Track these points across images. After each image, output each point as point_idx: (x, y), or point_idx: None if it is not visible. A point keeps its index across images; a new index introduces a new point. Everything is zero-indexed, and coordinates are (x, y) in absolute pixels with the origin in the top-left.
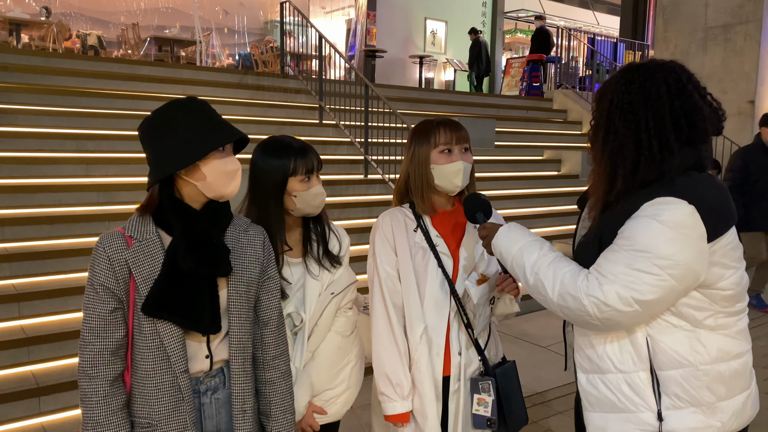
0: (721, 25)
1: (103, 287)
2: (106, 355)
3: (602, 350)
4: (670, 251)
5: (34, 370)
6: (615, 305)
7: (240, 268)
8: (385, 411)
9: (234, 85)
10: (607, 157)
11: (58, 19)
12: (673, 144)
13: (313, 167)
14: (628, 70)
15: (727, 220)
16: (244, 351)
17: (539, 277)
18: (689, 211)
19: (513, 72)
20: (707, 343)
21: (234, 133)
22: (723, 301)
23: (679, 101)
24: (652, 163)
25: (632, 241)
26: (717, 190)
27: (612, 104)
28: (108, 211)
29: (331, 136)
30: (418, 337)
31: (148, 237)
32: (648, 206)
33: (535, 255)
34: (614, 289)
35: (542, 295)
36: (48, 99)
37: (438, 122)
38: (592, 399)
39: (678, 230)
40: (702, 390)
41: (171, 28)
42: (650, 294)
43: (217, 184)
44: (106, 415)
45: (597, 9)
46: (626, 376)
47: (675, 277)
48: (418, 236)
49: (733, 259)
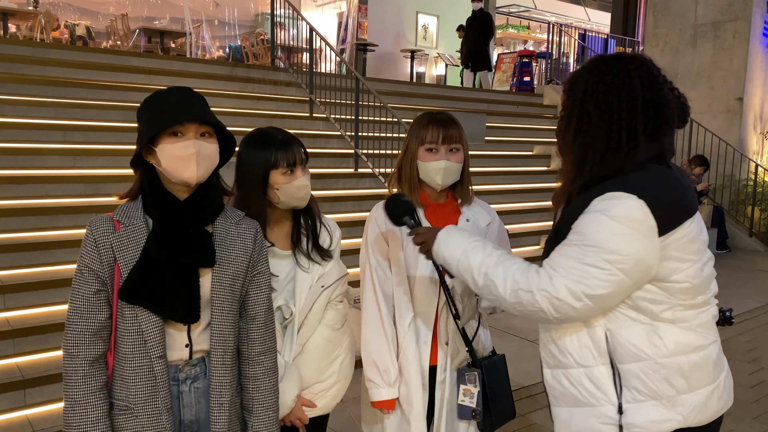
0: (711, 22)
1: (89, 269)
2: (87, 335)
3: (563, 345)
4: (619, 246)
5: (19, 362)
6: (566, 299)
7: (226, 260)
8: (372, 397)
9: (224, 77)
10: (578, 147)
11: (45, 8)
12: (640, 137)
13: (296, 160)
14: (601, 61)
15: (681, 214)
16: (224, 343)
17: (489, 277)
18: (638, 205)
19: (504, 67)
20: (665, 336)
21: (181, 117)
22: (680, 294)
23: (650, 94)
24: (617, 156)
25: (582, 235)
26: (672, 183)
27: (586, 94)
28: (94, 202)
29: (322, 130)
30: (407, 325)
31: (135, 222)
32: (598, 201)
33: (480, 256)
34: (564, 282)
35: (494, 295)
36: (35, 89)
37: (430, 119)
38: (557, 394)
39: (627, 225)
40: (661, 383)
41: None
42: (600, 288)
43: (171, 168)
44: (83, 395)
45: (588, 5)
46: (587, 370)
47: (624, 271)
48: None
49: (689, 252)
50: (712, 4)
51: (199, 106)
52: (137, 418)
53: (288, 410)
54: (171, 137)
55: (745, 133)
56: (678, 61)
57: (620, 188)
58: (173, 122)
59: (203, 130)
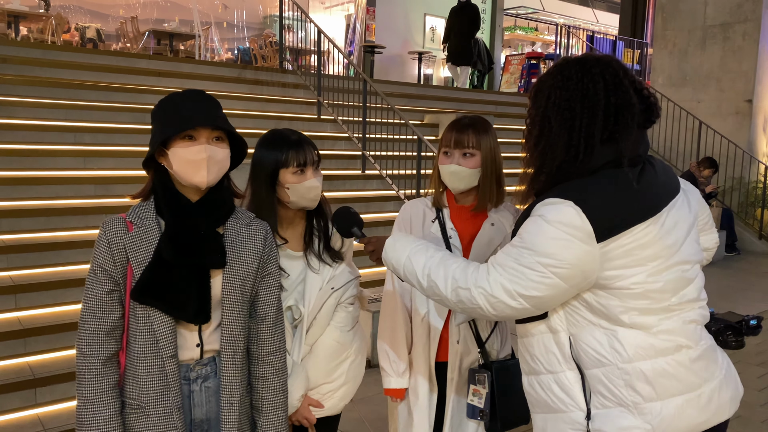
0: (720, 23)
1: (102, 269)
2: (100, 335)
3: (533, 352)
4: (553, 250)
5: (30, 361)
6: (501, 297)
7: (237, 261)
8: (383, 384)
9: (232, 79)
10: (538, 155)
11: (56, 11)
12: (596, 143)
13: (306, 160)
14: (565, 65)
15: (627, 219)
16: (234, 343)
17: (431, 277)
18: (573, 212)
19: (512, 69)
20: (625, 341)
21: (193, 123)
22: (633, 300)
23: (615, 97)
24: (572, 165)
25: (522, 237)
26: (619, 188)
27: (549, 101)
28: (104, 203)
29: (329, 131)
30: (420, 320)
31: (147, 223)
32: (539, 206)
33: (423, 258)
34: (499, 280)
35: (438, 295)
36: (46, 91)
37: (453, 122)
38: (533, 400)
39: (561, 229)
40: (625, 389)
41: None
42: (534, 290)
43: (182, 171)
44: (96, 393)
45: (596, 7)
46: (555, 376)
47: (559, 275)
48: (434, 227)
49: (640, 258)
50: (721, 6)
51: (212, 110)
52: (149, 416)
53: (293, 409)
54: (184, 141)
55: (755, 135)
56: (687, 63)
57: (558, 195)
58: (186, 126)
59: (215, 135)
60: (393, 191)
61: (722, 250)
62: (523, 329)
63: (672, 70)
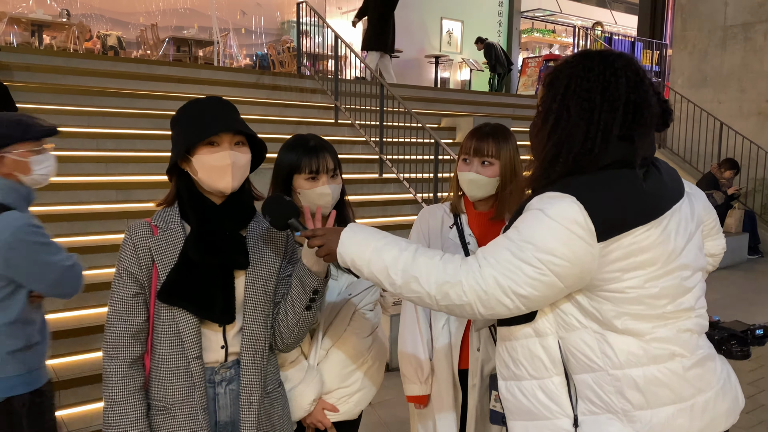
0: (741, 23)
1: (127, 272)
2: (126, 337)
3: (516, 356)
4: (553, 245)
5: (54, 364)
6: (494, 293)
7: (259, 263)
8: (405, 391)
9: (251, 84)
10: (552, 144)
11: (78, 20)
12: (613, 139)
13: (319, 168)
14: (587, 56)
15: (630, 220)
16: (256, 344)
17: (408, 272)
18: (576, 208)
19: (529, 71)
20: (615, 346)
21: (217, 128)
22: (626, 304)
23: (635, 94)
24: (588, 157)
25: (519, 230)
26: (622, 189)
27: (568, 89)
28: (126, 208)
29: (347, 136)
30: (440, 327)
31: (172, 227)
32: (537, 200)
33: (394, 251)
34: (493, 274)
35: (416, 292)
36: (69, 99)
37: (473, 130)
38: (512, 407)
39: (563, 224)
40: (614, 395)
41: (189, 29)
42: (528, 287)
43: (207, 177)
44: (123, 395)
45: (615, 8)
46: (540, 382)
47: (556, 273)
48: (452, 233)
49: (638, 262)
50: (742, 5)
51: (231, 115)
52: (174, 417)
53: (305, 413)
54: (207, 147)
55: None
56: (707, 63)
57: (560, 189)
58: (210, 133)
59: (237, 139)
60: (410, 195)
61: (745, 252)
62: (506, 332)
63: (692, 71)
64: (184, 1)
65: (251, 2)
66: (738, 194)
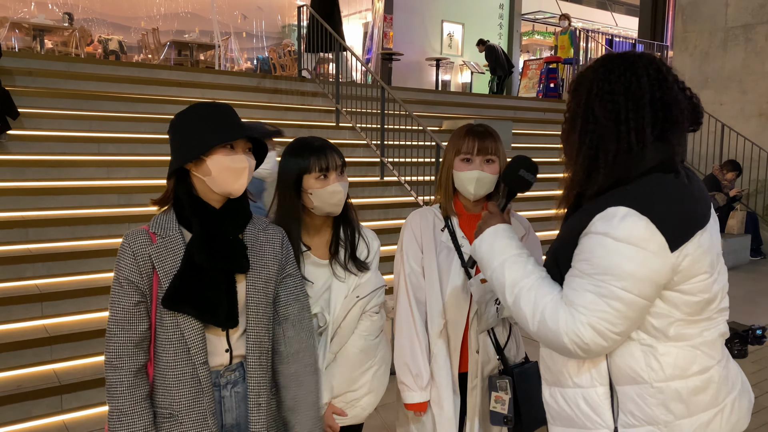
0: (742, 25)
1: (128, 281)
2: (130, 346)
3: (561, 363)
4: (631, 269)
5: (56, 368)
6: (595, 340)
7: (258, 266)
8: (404, 399)
9: (252, 88)
10: (587, 149)
11: (80, 24)
12: (648, 137)
13: (328, 165)
14: (608, 59)
15: (691, 226)
16: (260, 346)
17: (519, 302)
18: (642, 224)
19: (530, 74)
20: (663, 359)
21: (239, 133)
22: (685, 308)
23: (659, 93)
24: (628, 158)
25: (591, 263)
26: (679, 193)
27: (591, 93)
28: (127, 212)
29: (348, 139)
30: (438, 332)
31: (170, 233)
32: (599, 221)
33: (517, 273)
34: (587, 322)
35: (521, 322)
36: (70, 103)
37: (468, 130)
38: (553, 413)
39: (635, 245)
40: (657, 408)
41: (190, 33)
42: (622, 321)
43: (221, 179)
44: (130, 405)
45: (615, 10)
46: (583, 391)
47: (641, 295)
48: (444, 236)
49: (703, 266)
50: (743, 7)
51: (240, 121)
52: (181, 424)
53: None
54: (225, 149)
55: None
56: (708, 65)
57: (620, 202)
58: (237, 135)
59: (249, 146)
60: (412, 197)
61: (747, 254)
62: None
63: (693, 72)
64: (185, 5)
65: (252, 6)
66: (740, 196)
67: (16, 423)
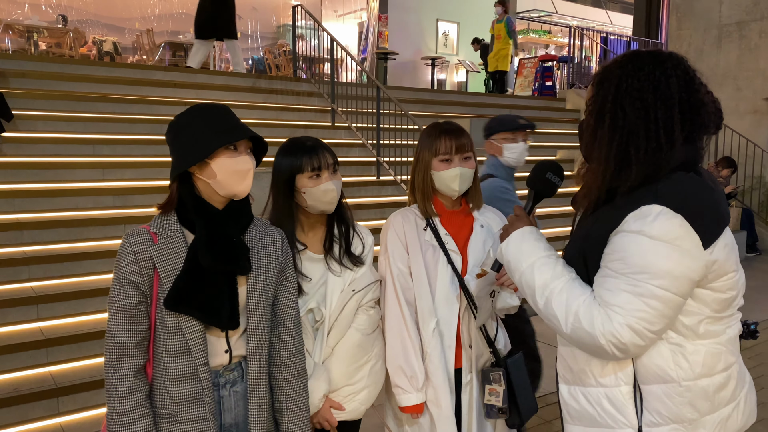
0: (736, 22)
1: (129, 281)
2: (130, 347)
3: (584, 362)
4: (667, 267)
5: (52, 371)
6: (633, 340)
7: (259, 267)
8: (400, 402)
9: (247, 89)
10: (617, 144)
11: (74, 26)
12: (678, 137)
13: (321, 164)
14: (637, 55)
15: (719, 223)
16: (261, 347)
17: (551, 304)
18: (677, 222)
19: (525, 72)
20: (691, 357)
21: (241, 134)
22: (715, 305)
23: (687, 94)
24: (657, 155)
25: (626, 262)
26: (705, 192)
27: (619, 89)
28: (123, 214)
29: (344, 138)
30: (431, 331)
31: (172, 234)
32: (633, 220)
33: (547, 275)
34: (625, 323)
35: (553, 324)
36: (64, 105)
37: (441, 130)
38: (573, 411)
39: (670, 243)
40: (684, 406)
41: (185, 34)
42: (660, 319)
43: (226, 181)
44: (130, 405)
45: (610, 8)
46: (607, 390)
47: (678, 293)
48: (428, 235)
49: (731, 263)
50: (736, 4)
51: (240, 122)
52: (181, 424)
53: (315, 410)
54: (228, 151)
55: None
56: (702, 62)
57: (653, 200)
58: (240, 136)
59: (250, 146)
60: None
61: (743, 250)
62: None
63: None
64: (179, 6)
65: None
66: (735, 193)
67: (12, 426)
